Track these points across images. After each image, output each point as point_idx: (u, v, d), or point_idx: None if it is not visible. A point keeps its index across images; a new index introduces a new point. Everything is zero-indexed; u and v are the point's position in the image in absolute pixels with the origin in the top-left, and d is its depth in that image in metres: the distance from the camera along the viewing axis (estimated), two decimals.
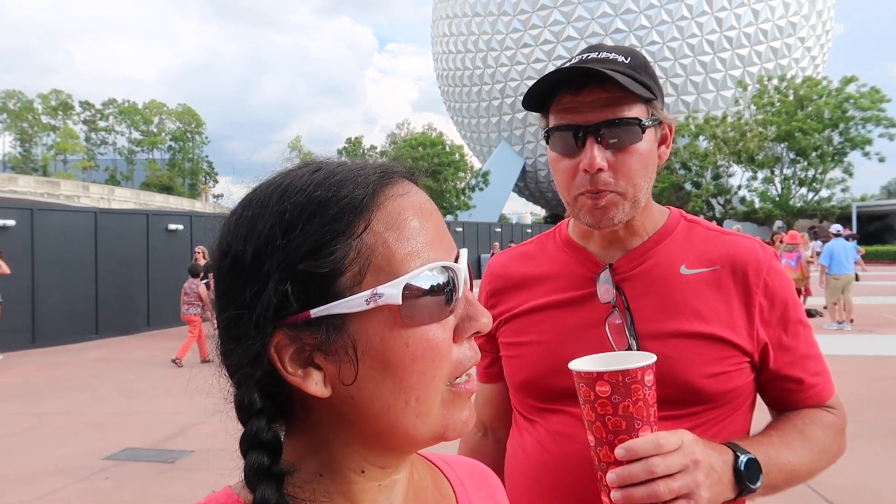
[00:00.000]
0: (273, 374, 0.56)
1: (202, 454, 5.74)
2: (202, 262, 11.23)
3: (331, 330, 0.55)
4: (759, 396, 1.26)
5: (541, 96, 1.18)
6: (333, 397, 0.57)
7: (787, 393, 1.21)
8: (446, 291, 0.58)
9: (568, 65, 1.15)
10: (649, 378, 0.89)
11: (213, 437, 6.04)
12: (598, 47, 1.19)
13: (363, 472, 0.61)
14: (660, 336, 1.15)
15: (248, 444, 0.56)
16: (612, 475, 0.88)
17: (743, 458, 1.00)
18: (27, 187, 49.66)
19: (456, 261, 0.60)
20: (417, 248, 0.57)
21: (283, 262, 0.55)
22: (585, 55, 1.17)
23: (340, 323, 0.55)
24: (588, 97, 1.12)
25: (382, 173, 0.60)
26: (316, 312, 0.54)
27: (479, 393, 1.48)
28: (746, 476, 0.99)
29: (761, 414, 1.27)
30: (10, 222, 12.28)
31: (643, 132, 1.14)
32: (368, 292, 0.54)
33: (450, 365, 0.58)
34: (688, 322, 1.15)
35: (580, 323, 1.21)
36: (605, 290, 1.21)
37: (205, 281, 10.67)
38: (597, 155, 1.11)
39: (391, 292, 0.55)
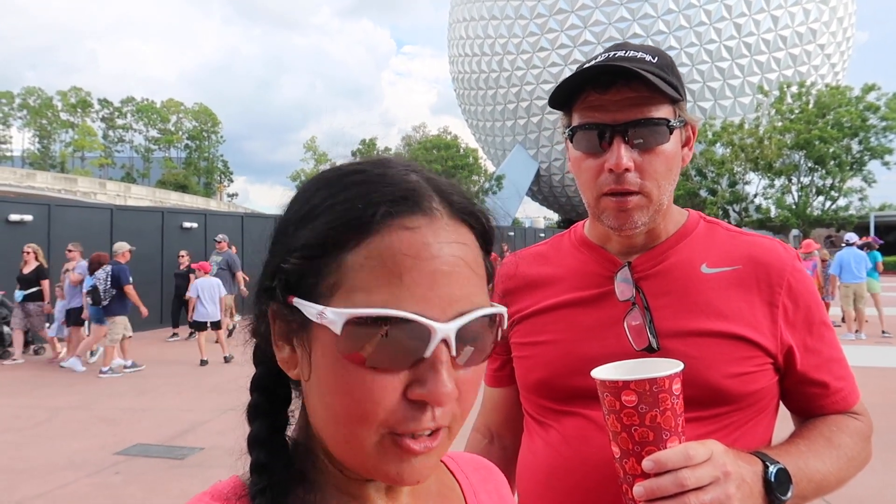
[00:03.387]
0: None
1: (211, 451, 5.75)
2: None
3: (300, 323, 0.57)
4: (781, 403, 1.22)
5: (566, 94, 1.15)
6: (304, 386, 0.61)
7: (812, 398, 1.17)
8: (411, 343, 0.53)
9: (594, 63, 1.12)
10: (677, 387, 0.86)
11: (223, 434, 6.12)
12: (624, 45, 1.16)
13: (342, 471, 0.61)
14: (680, 334, 1.12)
15: (253, 415, 0.62)
16: (639, 488, 0.84)
17: (773, 469, 0.97)
18: (45, 183, 50.29)
19: (445, 320, 0.54)
20: (392, 289, 0.54)
21: (287, 246, 0.59)
22: (612, 53, 1.14)
23: (307, 322, 0.56)
24: (615, 96, 1.10)
25: (402, 200, 0.57)
26: (295, 302, 0.57)
27: (487, 397, 1.45)
28: (777, 487, 0.96)
29: (780, 423, 1.23)
30: (28, 217, 12.42)
31: (670, 133, 1.12)
32: (321, 307, 0.54)
33: (387, 415, 0.54)
34: (709, 321, 1.12)
35: (597, 321, 1.18)
36: (623, 287, 1.18)
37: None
38: (624, 155, 1.09)
39: (333, 319, 0.53)
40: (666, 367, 0.87)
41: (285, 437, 0.62)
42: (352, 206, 0.56)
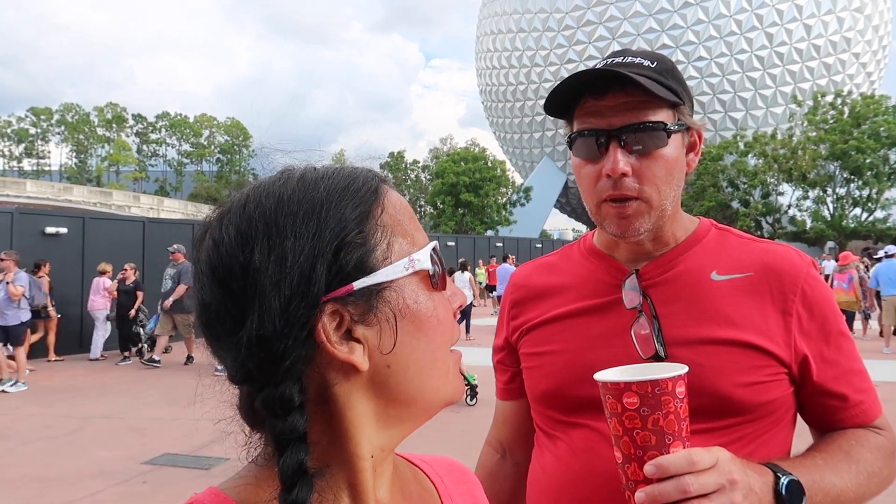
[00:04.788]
0: (300, 368, 0.58)
1: (237, 462, 5.74)
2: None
3: (373, 300, 0.59)
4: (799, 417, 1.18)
5: (565, 101, 1.14)
6: (367, 372, 0.60)
7: (830, 410, 1.12)
8: (442, 267, 0.66)
9: (590, 69, 1.11)
10: (681, 390, 0.83)
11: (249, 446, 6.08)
12: (623, 52, 1.15)
13: (373, 456, 0.63)
14: (690, 343, 1.08)
15: (286, 440, 0.56)
16: (640, 494, 0.82)
17: (784, 480, 0.92)
18: (81, 197, 51.52)
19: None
20: (418, 230, 0.66)
21: (319, 241, 0.58)
22: (610, 59, 1.15)
23: (381, 292, 0.60)
24: (611, 101, 1.08)
25: (372, 173, 0.67)
26: (358, 284, 0.58)
27: (498, 411, 1.43)
28: (788, 500, 0.91)
29: (798, 440, 1.16)
30: (63, 230, 12.67)
31: (668, 137, 1.09)
32: (406, 259, 0.62)
33: (456, 330, 0.67)
34: (719, 328, 1.08)
35: (605, 330, 1.16)
36: (631, 295, 1.15)
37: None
38: (620, 159, 1.07)
39: (423, 258, 0.63)
40: (670, 371, 0.84)
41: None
42: (359, 182, 0.63)
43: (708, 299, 1.11)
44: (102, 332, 12.13)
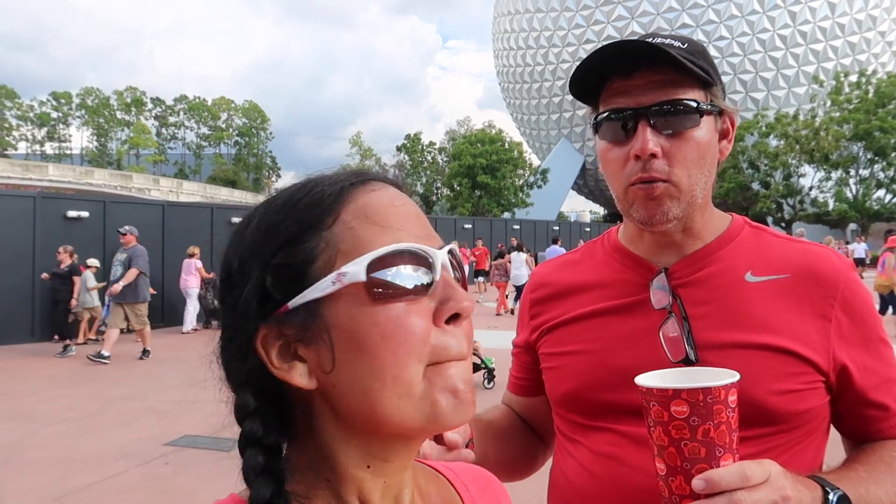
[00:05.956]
0: (269, 380, 0.58)
1: None
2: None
3: (307, 317, 0.57)
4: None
5: (591, 85, 1.09)
6: (319, 390, 0.58)
7: (870, 420, 1.07)
8: (418, 272, 0.58)
9: (615, 42, 1.05)
10: (733, 398, 0.78)
11: None
12: (651, 35, 1.08)
13: (369, 467, 0.61)
14: (722, 346, 1.03)
15: (243, 444, 0.58)
16: None
17: (833, 496, 0.88)
18: (102, 180, 52.06)
19: (438, 248, 0.60)
20: (386, 231, 0.58)
21: (261, 259, 0.58)
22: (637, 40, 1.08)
23: (315, 309, 0.57)
24: (640, 80, 1.03)
25: (355, 175, 0.63)
26: (293, 303, 0.57)
27: (504, 399, 1.41)
28: None
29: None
30: (84, 214, 12.84)
31: (701, 118, 1.04)
32: (334, 273, 0.56)
33: (426, 347, 0.57)
34: (754, 333, 1.03)
35: (631, 331, 1.10)
36: (659, 295, 1.09)
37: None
38: (650, 139, 1.01)
39: (354, 270, 0.56)
40: (718, 377, 0.78)
41: (282, 463, 0.59)
42: (316, 191, 0.60)
43: (742, 301, 1.06)
44: (193, 307, 13.52)
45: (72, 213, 12.68)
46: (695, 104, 1.03)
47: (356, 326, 0.56)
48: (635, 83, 1.03)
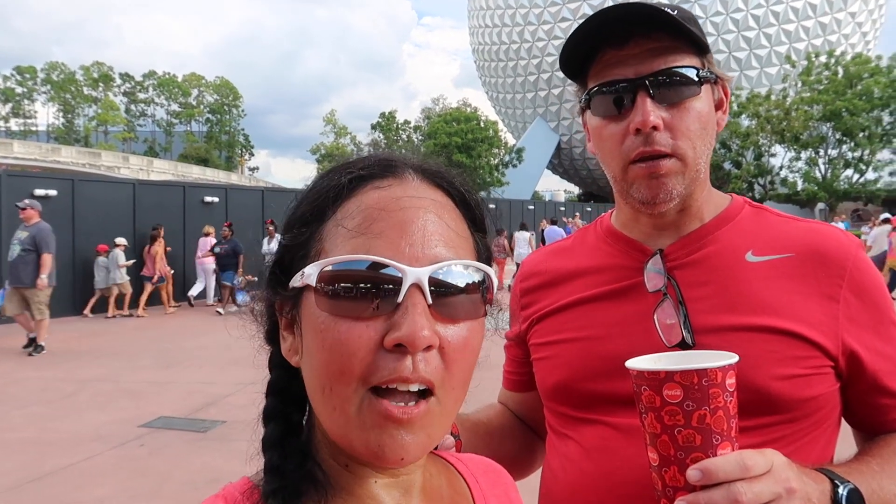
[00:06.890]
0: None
1: (233, 425, 5.85)
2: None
3: (294, 301, 0.60)
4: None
5: (579, 58, 1.02)
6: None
7: (881, 410, 1.00)
8: (375, 289, 0.54)
9: (611, 6, 0.96)
10: (731, 382, 0.72)
11: (244, 408, 6.19)
12: (637, 3, 0.99)
13: (346, 466, 0.61)
14: (720, 330, 0.97)
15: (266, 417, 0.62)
16: (681, 503, 0.71)
17: (843, 490, 0.82)
18: (70, 157, 50.89)
19: (418, 266, 0.55)
20: (358, 239, 0.56)
21: (282, 234, 0.63)
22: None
23: (298, 297, 0.60)
24: (634, 49, 0.97)
25: (371, 166, 0.62)
26: (291, 283, 0.60)
27: (500, 397, 1.38)
28: None
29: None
30: (52, 192, 12.58)
31: (700, 86, 0.98)
32: (301, 270, 0.59)
33: (364, 367, 0.54)
34: (755, 315, 0.97)
35: (623, 316, 1.04)
36: (653, 278, 1.04)
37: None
38: (650, 110, 0.95)
39: (310, 272, 0.57)
40: (716, 359, 0.72)
41: (299, 439, 0.62)
42: (330, 180, 0.62)
43: (742, 282, 1.00)
44: (212, 282, 14.43)
45: (39, 192, 12.41)
46: (695, 71, 0.98)
47: (309, 326, 0.58)
48: (630, 52, 0.97)
